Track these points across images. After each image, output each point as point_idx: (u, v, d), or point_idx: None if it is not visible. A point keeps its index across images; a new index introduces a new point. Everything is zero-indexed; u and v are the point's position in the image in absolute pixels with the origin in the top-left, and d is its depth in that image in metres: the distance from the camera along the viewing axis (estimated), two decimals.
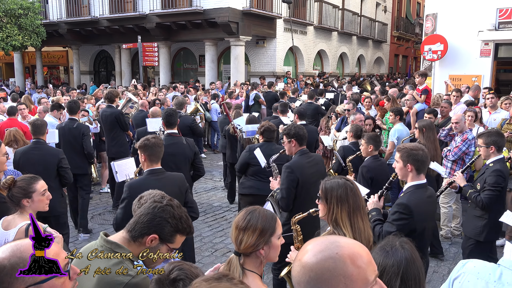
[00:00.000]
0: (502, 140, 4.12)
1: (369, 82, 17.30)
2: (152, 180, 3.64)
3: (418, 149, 3.12)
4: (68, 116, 6.52)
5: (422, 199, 3.06)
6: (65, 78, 25.99)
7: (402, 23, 30.63)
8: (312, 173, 3.98)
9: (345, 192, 2.47)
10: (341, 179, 2.58)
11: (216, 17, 15.65)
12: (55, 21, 19.60)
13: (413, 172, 3.10)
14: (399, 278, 1.76)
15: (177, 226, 2.02)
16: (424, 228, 3.05)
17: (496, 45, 11.24)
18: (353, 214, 2.45)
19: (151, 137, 3.82)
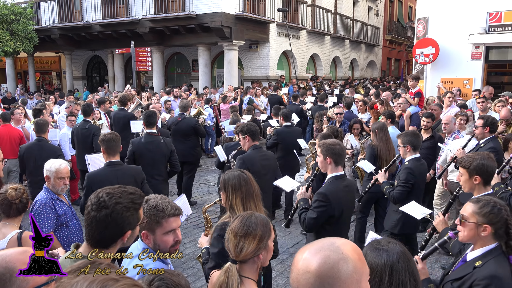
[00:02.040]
0: (417, 140, 4.35)
1: (362, 86, 17.39)
2: (109, 171, 4.12)
3: (336, 144, 3.50)
4: (83, 118, 7.22)
5: (339, 188, 3.44)
6: (58, 83, 25.85)
7: (394, 27, 30.87)
8: (263, 166, 4.46)
9: (238, 182, 2.86)
10: (236, 171, 2.97)
11: (209, 22, 15.67)
12: (47, 27, 19.51)
13: (332, 164, 3.48)
14: (407, 272, 1.79)
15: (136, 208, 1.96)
16: (342, 213, 3.43)
17: (486, 48, 11.37)
18: (246, 200, 2.84)
19: (108, 133, 4.33)
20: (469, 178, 3.11)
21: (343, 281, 1.23)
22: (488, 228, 2.31)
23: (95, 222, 1.90)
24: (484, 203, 2.35)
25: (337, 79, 23.75)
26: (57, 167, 3.56)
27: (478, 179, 3.07)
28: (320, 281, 1.23)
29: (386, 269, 1.77)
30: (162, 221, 2.21)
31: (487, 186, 3.13)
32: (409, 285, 1.78)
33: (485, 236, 2.33)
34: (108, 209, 1.89)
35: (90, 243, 1.94)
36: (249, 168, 4.20)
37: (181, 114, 7.76)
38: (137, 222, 1.99)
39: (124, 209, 1.91)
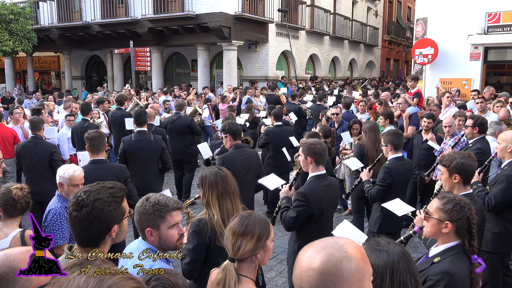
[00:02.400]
0: (398, 140, 4.34)
1: (360, 86, 17.40)
2: (93, 169, 4.17)
3: (316, 143, 3.51)
4: (81, 117, 7.35)
5: (319, 187, 3.46)
6: (57, 83, 25.82)
7: (393, 27, 30.90)
8: (244, 165, 4.48)
9: (215, 179, 2.90)
10: (214, 168, 3.01)
11: (208, 22, 15.67)
12: (46, 26, 19.49)
13: (313, 164, 3.49)
14: (408, 273, 1.79)
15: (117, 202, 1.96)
16: (322, 212, 3.44)
17: (485, 48, 11.39)
18: (221, 197, 2.88)
19: (92, 131, 4.41)
20: (449, 176, 3.13)
21: (346, 279, 1.24)
22: (450, 225, 2.32)
23: (78, 222, 1.89)
24: (447, 200, 2.37)
25: (336, 80, 23.78)
26: (71, 174, 3.31)
27: (458, 178, 3.10)
28: (323, 278, 1.24)
29: (387, 270, 1.77)
30: (167, 215, 2.20)
31: (467, 185, 3.15)
32: (410, 286, 1.78)
33: (447, 233, 2.35)
34: (88, 206, 1.87)
35: (80, 244, 1.93)
36: (229, 167, 4.18)
37: (177, 113, 7.93)
38: (122, 216, 1.98)
39: (104, 204, 1.90)
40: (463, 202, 2.35)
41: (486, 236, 3.87)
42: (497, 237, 3.86)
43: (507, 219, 3.84)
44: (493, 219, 3.89)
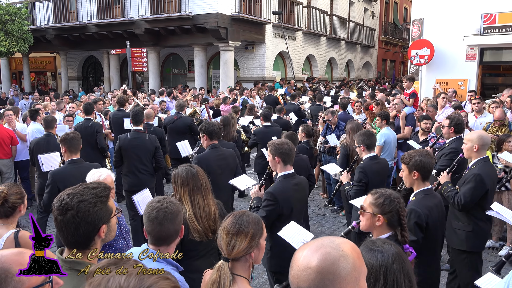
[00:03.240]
0: (370, 140, 4.44)
1: (356, 86, 17.44)
2: (71, 169, 4.33)
3: (284, 143, 3.60)
4: (85, 116, 7.54)
5: (288, 187, 3.53)
6: (53, 84, 25.75)
7: (390, 28, 31.00)
8: (219, 165, 4.62)
9: (186, 176, 3.04)
10: (186, 166, 3.14)
11: (205, 23, 15.67)
12: (42, 27, 19.43)
13: (281, 163, 3.56)
14: (402, 273, 1.80)
15: (103, 201, 1.93)
16: (292, 211, 3.50)
17: (481, 49, 11.43)
18: (193, 193, 3.02)
19: (70, 132, 4.57)
20: (409, 173, 3.28)
21: (343, 278, 1.25)
22: (381, 218, 2.46)
23: (64, 226, 1.86)
24: (379, 195, 2.50)
25: (333, 80, 23.83)
26: (96, 179, 3.00)
27: (417, 175, 3.24)
28: (321, 277, 1.25)
29: (380, 270, 1.79)
30: None
31: (426, 181, 3.28)
32: (404, 286, 1.79)
33: (380, 226, 2.48)
34: (73, 209, 1.84)
35: (69, 247, 1.90)
36: (204, 167, 4.30)
37: (177, 113, 8.11)
38: (110, 215, 1.96)
39: (89, 205, 1.87)
40: (393, 196, 2.49)
41: (460, 235, 3.98)
42: (470, 235, 3.94)
43: (478, 217, 3.90)
44: (465, 218, 3.97)
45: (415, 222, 3.09)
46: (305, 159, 5.11)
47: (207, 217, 3.03)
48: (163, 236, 2.26)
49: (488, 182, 3.85)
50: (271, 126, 7.14)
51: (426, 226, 3.12)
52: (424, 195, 3.26)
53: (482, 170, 3.88)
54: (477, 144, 3.93)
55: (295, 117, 9.69)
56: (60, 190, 4.04)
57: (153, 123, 7.57)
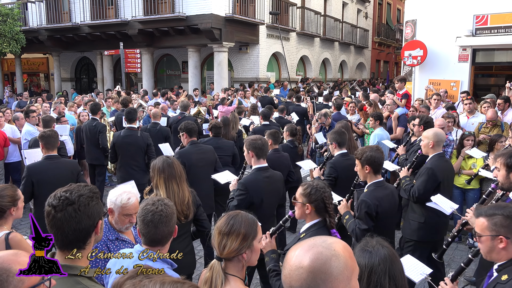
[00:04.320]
0: (341, 137, 4.73)
1: (349, 87, 17.48)
2: (48, 164, 4.55)
3: (257, 139, 3.88)
4: (91, 116, 7.80)
5: (259, 178, 3.81)
6: (46, 85, 25.58)
7: (383, 29, 31.13)
8: (199, 159, 5.03)
9: (162, 165, 3.33)
10: (162, 157, 3.43)
11: (199, 24, 15.65)
12: (35, 28, 19.30)
13: (254, 157, 3.84)
14: (387, 275, 1.81)
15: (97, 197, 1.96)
16: (262, 201, 3.75)
17: (473, 50, 11.51)
18: (168, 180, 3.29)
19: (48, 130, 4.77)
20: (362, 168, 3.54)
21: (335, 277, 1.26)
22: (309, 206, 2.71)
23: (66, 222, 1.83)
24: (307, 186, 2.76)
25: (327, 81, 23.89)
26: (124, 202, 2.78)
27: (368, 169, 3.50)
28: (313, 276, 1.25)
29: (365, 270, 1.81)
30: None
31: (377, 174, 3.55)
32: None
33: (309, 213, 2.74)
34: (74, 204, 1.84)
35: (63, 248, 1.86)
36: (185, 162, 4.80)
37: (181, 113, 8.48)
38: (102, 212, 1.98)
39: (88, 199, 1.89)
40: (318, 186, 2.73)
41: (413, 225, 4.22)
42: (422, 226, 4.15)
43: (431, 210, 4.05)
44: (418, 210, 4.19)
45: (365, 211, 3.38)
46: (286, 156, 5.32)
47: (180, 202, 3.30)
48: (158, 238, 2.28)
49: (440, 176, 4.06)
50: (269, 125, 7.28)
51: (376, 215, 3.40)
52: (375, 187, 3.52)
53: (435, 164, 4.12)
54: (432, 140, 4.16)
55: (297, 116, 9.76)
56: (34, 183, 4.45)
57: (160, 122, 7.78)
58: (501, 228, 2.21)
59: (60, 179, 4.34)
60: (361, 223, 3.41)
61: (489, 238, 2.24)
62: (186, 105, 8.72)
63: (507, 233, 2.20)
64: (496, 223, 2.22)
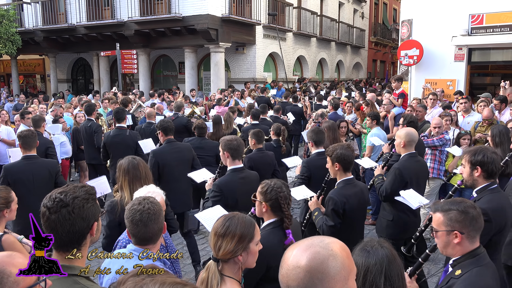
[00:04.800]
0: (317, 136, 4.78)
1: (345, 87, 17.50)
2: (25, 164, 4.57)
3: (233, 140, 3.91)
4: (86, 117, 7.86)
5: (234, 180, 3.81)
6: (42, 86, 25.52)
7: (379, 29, 31.19)
8: (174, 158, 5.09)
9: (127, 167, 3.35)
10: (128, 158, 3.45)
11: (196, 24, 15.64)
12: (30, 29, 19.24)
13: (230, 158, 3.86)
14: (383, 275, 1.80)
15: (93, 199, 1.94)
16: (237, 202, 3.72)
17: (469, 50, 11.56)
18: (132, 182, 3.31)
19: (25, 130, 4.83)
20: (332, 165, 3.60)
21: (332, 276, 1.26)
22: (265, 205, 2.73)
23: (59, 224, 1.83)
24: (265, 185, 2.80)
25: (324, 81, 23.91)
26: None
27: (338, 166, 3.56)
28: (310, 276, 1.26)
29: (361, 269, 1.80)
30: None
31: (347, 172, 3.60)
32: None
33: (265, 212, 2.77)
34: (68, 206, 1.84)
35: (60, 249, 1.87)
36: (158, 161, 5.01)
37: (175, 114, 8.53)
38: (99, 213, 1.97)
39: (83, 201, 1.88)
40: (276, 186, 2.75)
41: (382, 223, 4.31)
42: (390, 224, 4.23)
43: (398, 208, 4.12)
44: (388, 208, 4.27)
45: (332, 208, 3.44)
46: (271, 155, 5.39)
47: None
48: (149, 236, 2.27)
49: (407, 176, 4.12)
50: (259, 124, 7.40)
51: (344, 212, 3.45)
52: (344, 184, 3.59)
53: (402, 164, 4.18)
54: (404, 140, 4.21)
55: (293, 116, 9.78)
56: (10, 183, 4.39)
57: (155, 122, 7.78)
58: (456, 223, 2.24)
59: (38, 179, 4.49)
60: (328, 219, 3.48)
61: (445, 233, 2.27)
62: (180, 105, 8.81)
63: (462, 228, 2.23)
64: (451, 218, 2.25)
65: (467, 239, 2.24)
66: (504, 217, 2.96)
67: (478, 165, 3.07)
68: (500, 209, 2.96)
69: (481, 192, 3.10)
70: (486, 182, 3.10)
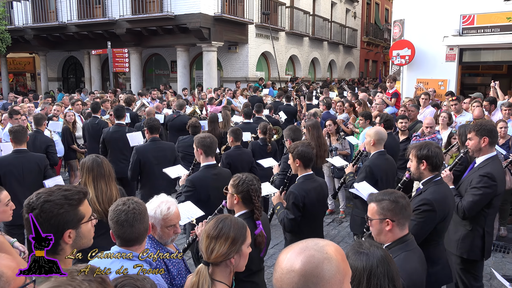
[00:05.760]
0: (294, 134, 5.01)
1: (337, 87, 17.53)
2: (15, 157, 4.78)
3: (206, 137, 4.07)
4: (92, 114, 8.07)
5: (207, 176, 3.97)
6: (32, 85, 25.25)
7: (372, 28, 31.33)
8: (156, 156, 5.24)
9: (91, 164, 3.41)
10: (92, 156, 3.51)
11: (188, 23, 15.56)
12: (20, 27, 19.01)
13: (203, 155, 4.02)
14: (386, 277, 1.79)
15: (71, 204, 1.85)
16: (209, 198, 3.87)
17: (460, 50, 11.63)
18: (96, 179, 3.38)
19: (16, 125, 5.03)
20: (293, 161, 3.74)
21: (327, 280, 1.24)
22: (237, 197, 2.88)
23: (27, 226, 1.77)
24: (236, 178, 2.94)
25: (316, 81, 23.94)
26: (165, 213, 2.54)
27: (299, 162, 3.70)
28: (304, 280, 1.23)
29: (364, 273, 1.79)
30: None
31: (307, 168, 3.75)
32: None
33: (237, 204, 2.91)
34: (37, 209, 1.79)
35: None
36: (140, 158, 5.20)
37: (177, 112, 8.79)
38: (78, 220, 1.86)
39: (55, 206, 1.80)
40: (247, 179, 2.89)
41: (356, 220, 4.45)
42: (364, 222, 4.35)
43: None
44: (360, 206, 4.36)
45: (292, 202, 3.58)
46: (248, 152, 5.67)
47: (108, 200, 3.35)
48: (135, 236, 2.20)
49: (378, 173, 4.25)
50: (250, 123, 7.54)
51: (304, 206, 3.59)
52: (304, 179, 3.72)
53: (373, 162, 4.31)
54: (374, 139, 4.33)
55: (285, 115, 9.78)
56: (1, 176, 4.64)
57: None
58: (388, 212, 2.40)
59: (27, 171, 4.79)
60: (289, 213, 3.60)
61: (378, 221, 2.43)
62: (182, 104, 9.07)
63: (393, 216, 2.39)
64: (383, 207, 2.41)
65: (397, 226, 2.40)
66: (447, 207, 3.18)
67: (423, 159, 3.25)
68: (443, 199, 3.17)
69: (427, 184, 3.28)
70: (431, 175, 3.28)
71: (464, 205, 3.63)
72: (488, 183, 3.58)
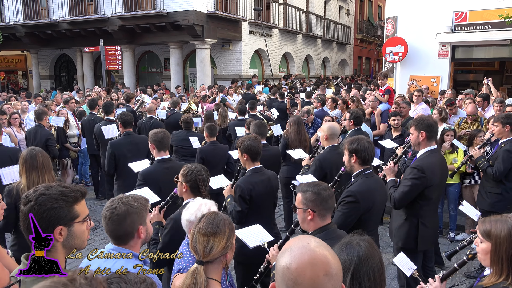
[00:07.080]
0: (259, 129, 5.09)
1: (333, 84, 17.57)
2: None
3: (158, 132, 4.22)
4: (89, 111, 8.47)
5: (158, 170, 4.18)
6: (24, 83, 25.01)
7: (365, 25, 31.38)
8: (129, 149, 5.44)
9: (25, 156, 3.56)
10: (29, 148, 3.64)
11: (181, 20, 15.50)
12: (11, 24, 18.82)
13: (155, 149, 4.20)
14: (349, 274, 1.77)
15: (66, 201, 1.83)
16: (160, 190, 3.85)
17: (453, 47, 11.68)
18: (29, 170, 3.54)
19: None
20: (241, 155, 3.85)
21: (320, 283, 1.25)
22: (185, 185, 3.14)
23: (23, 217, 1.80)
24: (186, 168, 3.18)
25: (310, 78, 23.96)
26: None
27: (246, 156, 3.80)
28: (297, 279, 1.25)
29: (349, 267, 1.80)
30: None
31: (255, 162, 3.86)
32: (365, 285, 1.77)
33: (185, 192, 3.17)
34: (32, 201, 1.78)
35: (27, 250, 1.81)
36: (115, 152, 5.41)
37: (171, 110, 8.95)
38: (72, 219, 1.83)
39: (49, 200, 1.78)
40: (196, 169, 3.14)
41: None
42: None
43: None
44: None
45: (239, 195, 3.69)
46: (224, 148, 5.88)
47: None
48: (123, 233, 2.17)
49: (327, 167, 4.44)
50: (244, 120, 7.58)
51: (251, 198, 3.70)
52: (252, 173, 3.84)
53: (323, 156, 4.53)
54: (326, 133, 4.51)
55: (277, 112, 9.79)
56: None
57: (160, 115, 8.55)
58: (309, 202, 2.54)
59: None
60: (236, 205, 3.72)
61: (302, 210, 2.58)
62: (176, 102, 9.25)
63: (314, 207, 2.53)
64: (306, 198, 2.55)
65: (318, 216, 2.54)
66: (371, 199, 3.33)
67: (353, 152, 3.40)
68: (368, 191, 3.32)
69: (357, 177, 3.43)
70: (361, 168, 3.43)
71: (395, 195, 3.79)
72: (417, 174, 3.70)
